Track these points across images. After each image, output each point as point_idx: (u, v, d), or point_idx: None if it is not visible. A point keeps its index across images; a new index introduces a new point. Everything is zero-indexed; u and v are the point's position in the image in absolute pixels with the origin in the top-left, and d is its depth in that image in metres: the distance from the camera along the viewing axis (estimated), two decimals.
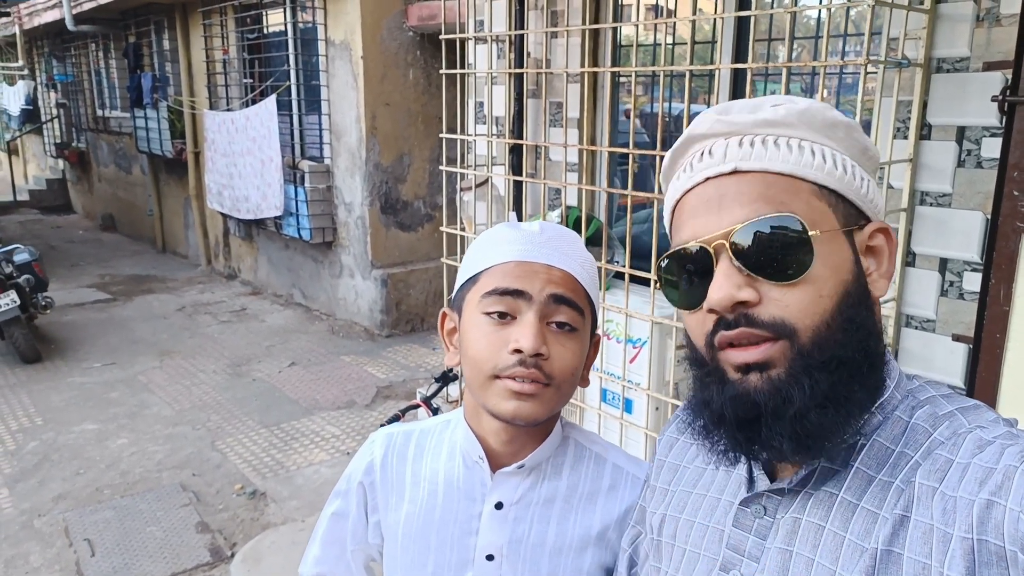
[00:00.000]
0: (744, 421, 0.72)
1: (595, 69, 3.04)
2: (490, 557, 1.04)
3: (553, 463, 1.06)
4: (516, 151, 3.33)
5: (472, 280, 1.02)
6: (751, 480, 0.80)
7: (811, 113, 0.76)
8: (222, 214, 7.99)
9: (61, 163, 13.33)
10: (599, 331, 1.10)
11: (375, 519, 1.15)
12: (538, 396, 0.96)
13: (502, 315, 0.97)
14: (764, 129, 0.76)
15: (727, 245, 0.72)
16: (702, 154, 0.78)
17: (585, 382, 1.07)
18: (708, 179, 0.76)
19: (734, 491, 0.82)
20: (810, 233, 0.71)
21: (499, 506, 1.04)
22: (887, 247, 0.78)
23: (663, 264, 0.79)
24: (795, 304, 0.70)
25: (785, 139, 0.75)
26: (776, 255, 0.71)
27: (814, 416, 0.69)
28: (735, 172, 0.74)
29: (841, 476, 0.73)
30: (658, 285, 0.82)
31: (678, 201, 0.80)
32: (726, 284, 0.71)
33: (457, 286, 1.07)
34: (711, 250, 0.73)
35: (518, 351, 0.94)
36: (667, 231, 0.84)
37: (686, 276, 0.76)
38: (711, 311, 0.73)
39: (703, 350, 0.76)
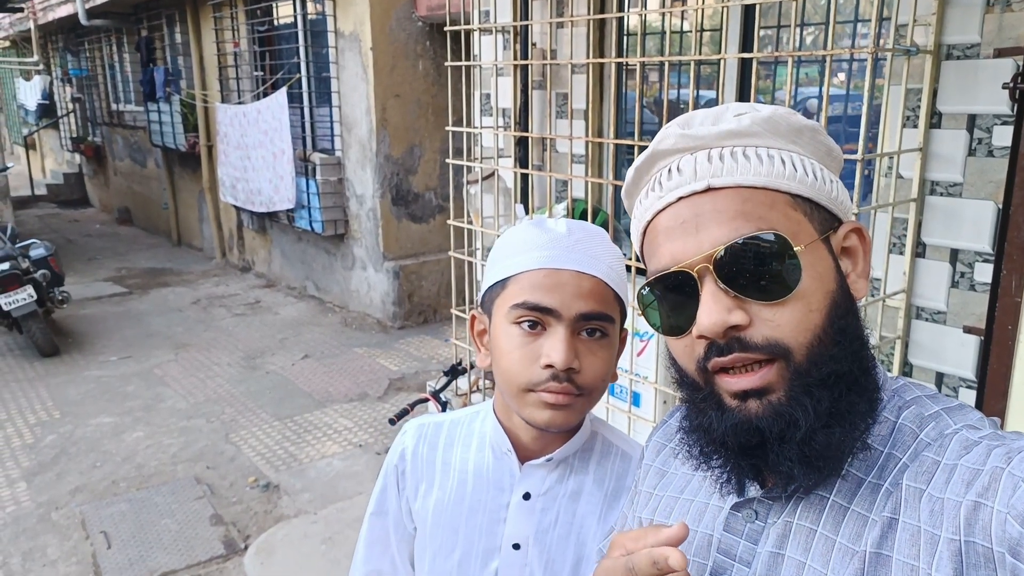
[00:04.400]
0: (747, 448, 0.70)
1: (600, 60, 3.01)
2: (516, 546, 1.06)
3: (580, 457, 1.08)
4: (522, 143, 3.31)
5: (500, 284, 1.01)
6: (741, 486, 0.79)
7: (775, 120, 0.74)
8: (235, 207, 8.04)
9: (78, 157, 13.47)
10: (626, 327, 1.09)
11: (408, 506, 1.17)
12: (571, 405, 0.97)
13: (532, 324, 0.96)
14: (730, 141, 0.74)
15: (711, 268, 0.70)
16: (669, 171, 0.76)
17: (614, 377, 1.06)
18: (681, 199, 0.73)
19: (723, 497, 0.81)
20: (795, 248, 0.69)
21: (527, 497, 1.06)
22: (861, 246, 0.77)
23: (643, 291, 0.77)
24: (786, 323, 0.69)
25: (753, 149, 0.73)
26: (763, 274, 0.69)
27: (821, 436, 0.68)
28: (708, 189, 0.72)
29: (832, 479, 0.72)
30: (639, 311, 0.79)
31: (649, 222, 0.77)
32: (716, 308, 0.69)
33: (484, 286, 1.05)
34: (694, 274, 0.71)
35: (550, 366, 0.94)
36: (639, 253, 0.82)
37: (669, 302, 0.74)
38: (701, 337, 0.71)
39: (695, 375, 0.74)
